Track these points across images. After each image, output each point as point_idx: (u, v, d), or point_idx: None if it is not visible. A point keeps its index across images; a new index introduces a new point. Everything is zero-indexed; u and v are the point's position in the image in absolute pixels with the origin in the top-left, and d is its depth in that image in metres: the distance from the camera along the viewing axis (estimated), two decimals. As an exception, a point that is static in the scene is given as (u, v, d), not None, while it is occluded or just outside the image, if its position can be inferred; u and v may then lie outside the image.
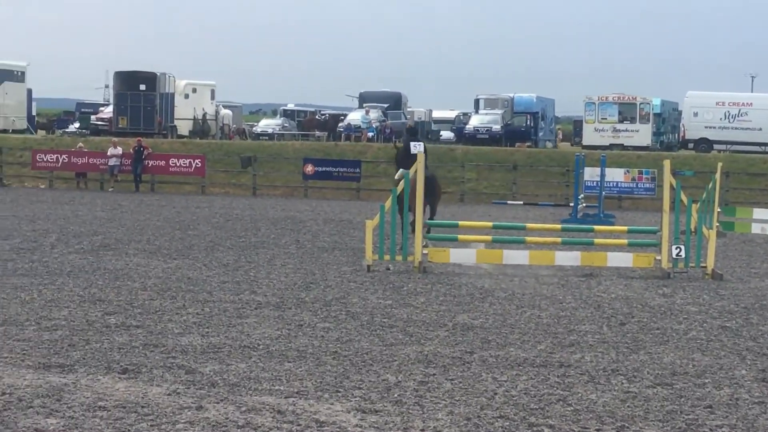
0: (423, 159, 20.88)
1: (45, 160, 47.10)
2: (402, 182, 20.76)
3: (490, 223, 22.72)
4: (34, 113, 70.82)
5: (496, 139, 63.46)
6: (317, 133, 70.40)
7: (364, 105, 68.52)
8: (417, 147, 23.95)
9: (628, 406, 9.89)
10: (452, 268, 20.35)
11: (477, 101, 72.44)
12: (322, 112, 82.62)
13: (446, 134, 76.53)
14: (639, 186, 44.30)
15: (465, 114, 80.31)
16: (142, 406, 9.36)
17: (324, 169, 46.52)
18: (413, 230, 20.45)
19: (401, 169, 23.01)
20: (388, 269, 19.97)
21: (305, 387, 10.29)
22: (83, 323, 13.40)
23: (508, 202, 45.56)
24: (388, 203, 20.28)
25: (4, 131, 57.85)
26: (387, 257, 20.15)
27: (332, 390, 10.22)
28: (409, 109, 76.26)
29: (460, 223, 23.45)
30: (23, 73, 63.13)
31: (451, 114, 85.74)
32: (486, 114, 68.35)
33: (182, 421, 8.95)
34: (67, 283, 16.88)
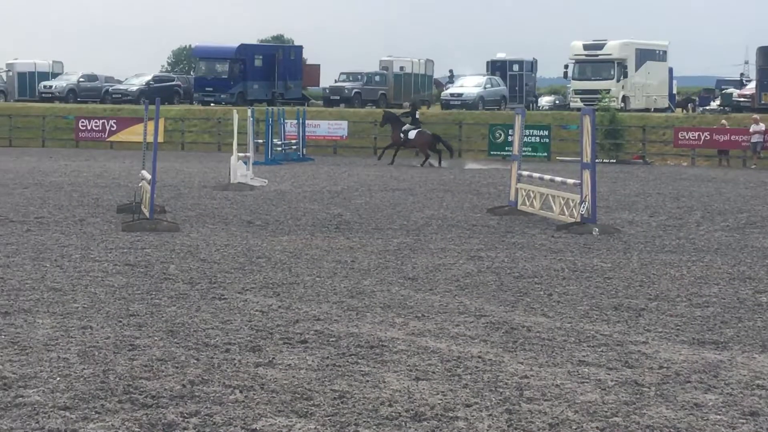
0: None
1: (687, 137, 47.38)
2: None
3: None
4: (674, 92, 71.29)
5: None
6: None
7: None
8: (416, 114, 44.28)
9: None
10: None
11: None
12: None
13: None
14: None
15: None
16: None
17: None
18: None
19: (407, 125, 43.06)
20: None
21: None
22: (734, 301, 13.35)
23: None
24: None
25: (647, 110, 58.69)
26: None
27: None
28: None
29: None
30: (665, 52, 63.67)
31: None
32: None
33: None
34: (714, 260, 16.89)
